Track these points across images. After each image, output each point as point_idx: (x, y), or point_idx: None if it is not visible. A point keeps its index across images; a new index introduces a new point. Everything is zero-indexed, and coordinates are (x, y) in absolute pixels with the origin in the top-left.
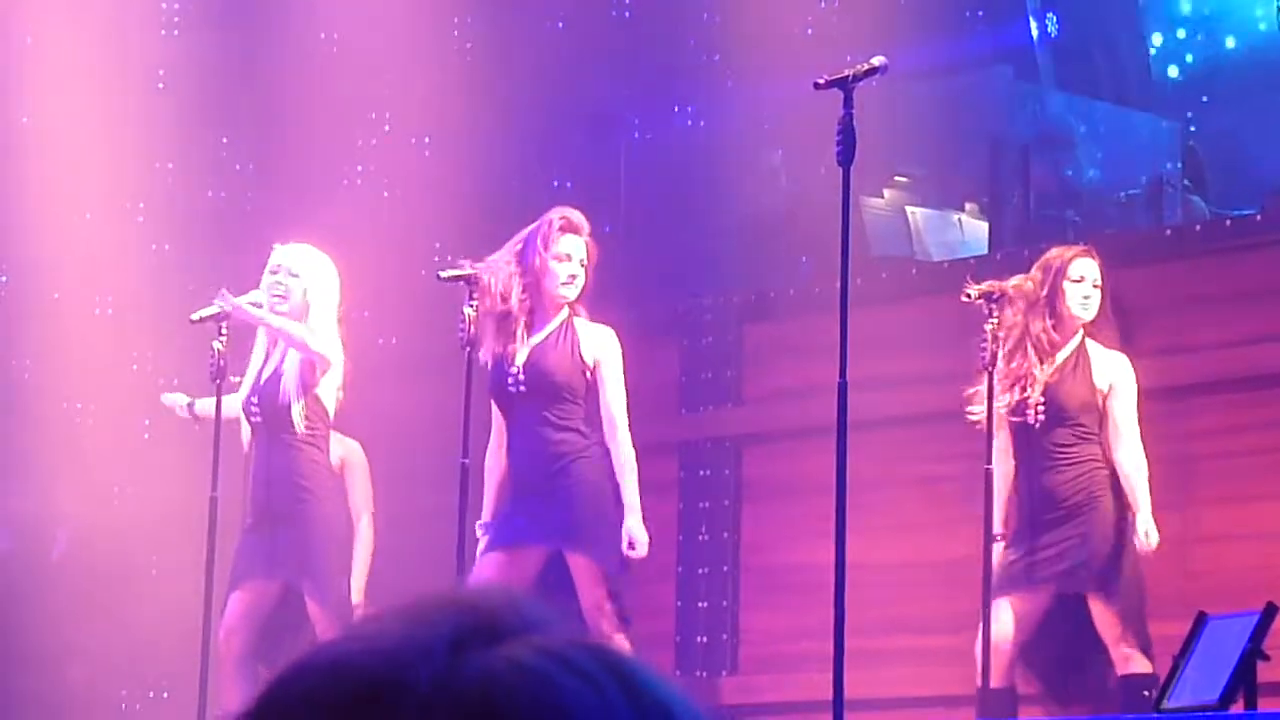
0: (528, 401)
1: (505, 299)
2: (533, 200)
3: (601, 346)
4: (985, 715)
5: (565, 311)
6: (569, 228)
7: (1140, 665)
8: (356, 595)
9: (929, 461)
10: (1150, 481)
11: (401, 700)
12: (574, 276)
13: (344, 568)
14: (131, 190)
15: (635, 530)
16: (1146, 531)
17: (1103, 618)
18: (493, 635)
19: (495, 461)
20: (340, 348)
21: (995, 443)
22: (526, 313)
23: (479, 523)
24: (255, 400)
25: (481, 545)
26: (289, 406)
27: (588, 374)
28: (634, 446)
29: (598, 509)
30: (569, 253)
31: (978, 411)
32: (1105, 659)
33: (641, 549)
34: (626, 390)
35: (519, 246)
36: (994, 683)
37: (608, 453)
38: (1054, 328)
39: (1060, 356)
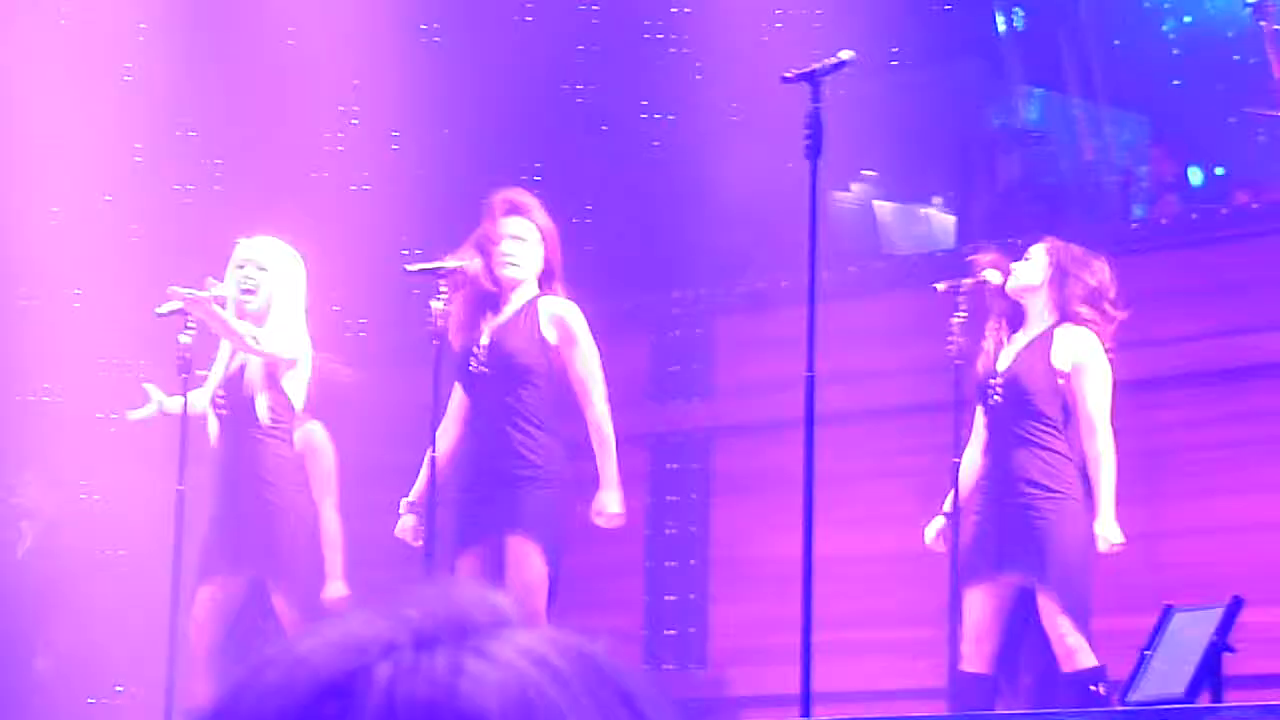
0: (490, 384)
1: (471, 284)
2: (504, 188)
3: (561, 322)
4: (963, 703)
5: (527, 293)
6: (512, 209)
7: (1086, 659)
8: (336, 583)
9: (897, 454)
10: (1118, 474)
11: (366, 695)
12: (517, 257)
13: (311, 562)
14: (99, 183)
15: (609, 503)
16: (1105, 538)
17: (1047, 611)
18: (459, 631)
19: (445, 442)
20: (308, 342)
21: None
22: (489, 297)
23: (406, 500)
24: (222, 394)
25: (408, 521)
26: (253, 400)
27: (550, 355)
28: None
29: (548, 501)
30: (513, 233)
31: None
32: (1050, 652)
33: (608, 521)
34: None
35: (478, 232)
36: (976, 669)
37: (565, 443)
38: (1007, 309)
39: (1023, 339)
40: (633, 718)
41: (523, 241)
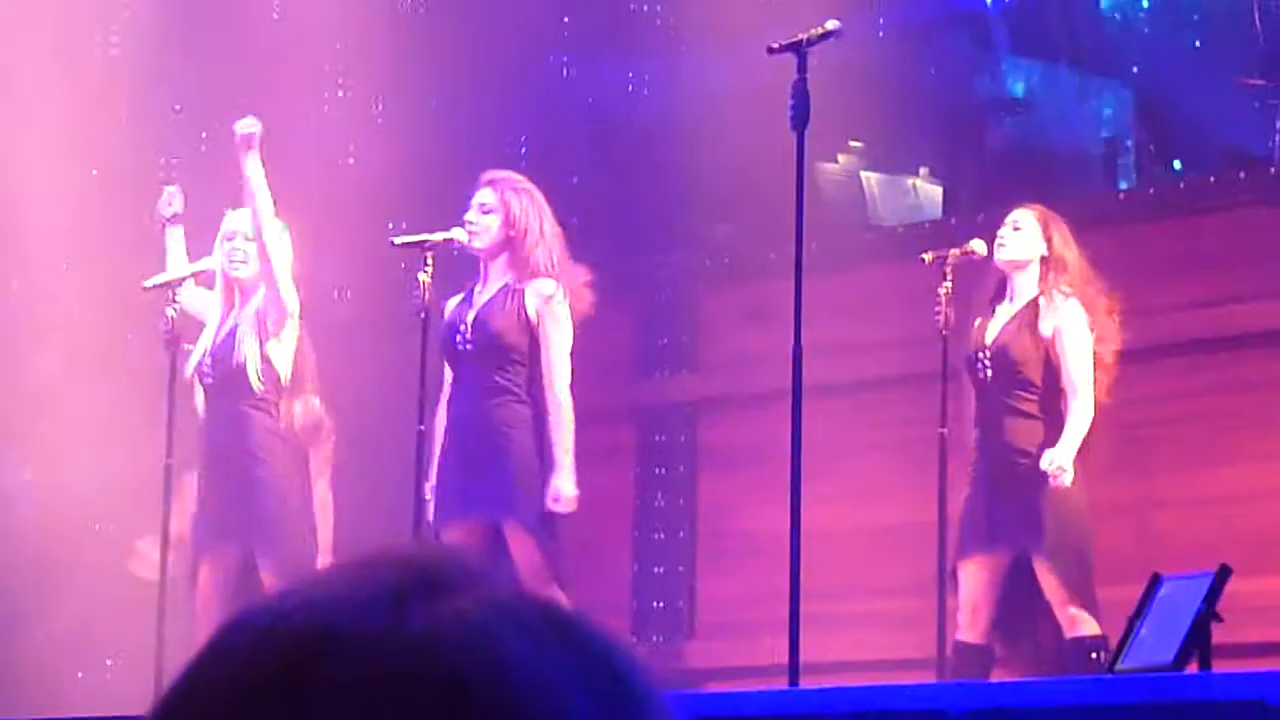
0: (474, 361)
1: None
2: (488, 164)
3: (543, 302)
4: (960, 673)
5: (508, 269)
6: (485, 183)
7: (1089, 627)
8: (327, 557)
9: (885, 426)
10: (1104, 445)
11: (340, 650)
12: (478, 225)
13: (298, 533)
14: (84, 154)
15: (563, 487)
16: (1054, 460)
17: (1048, 580)
18: (436, 589)
19: (442, 424)
20: (297, 309)
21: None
22: (475, 270)
23: (429, 484)
24: (208, 362)
25: (431, 509)
26: (243, 366)
27: (533, 333)
28: (590, 412)
29: (535, 481)
30: (479, 202)
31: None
32: (1054, 621)
33: (565, 505)
34: (582, 355)
35: None
36: (972, 640)
37: (544, 407)
38: (995, 281)
39: (1009, 312)
40: (609, 679)
41: (488, 212)
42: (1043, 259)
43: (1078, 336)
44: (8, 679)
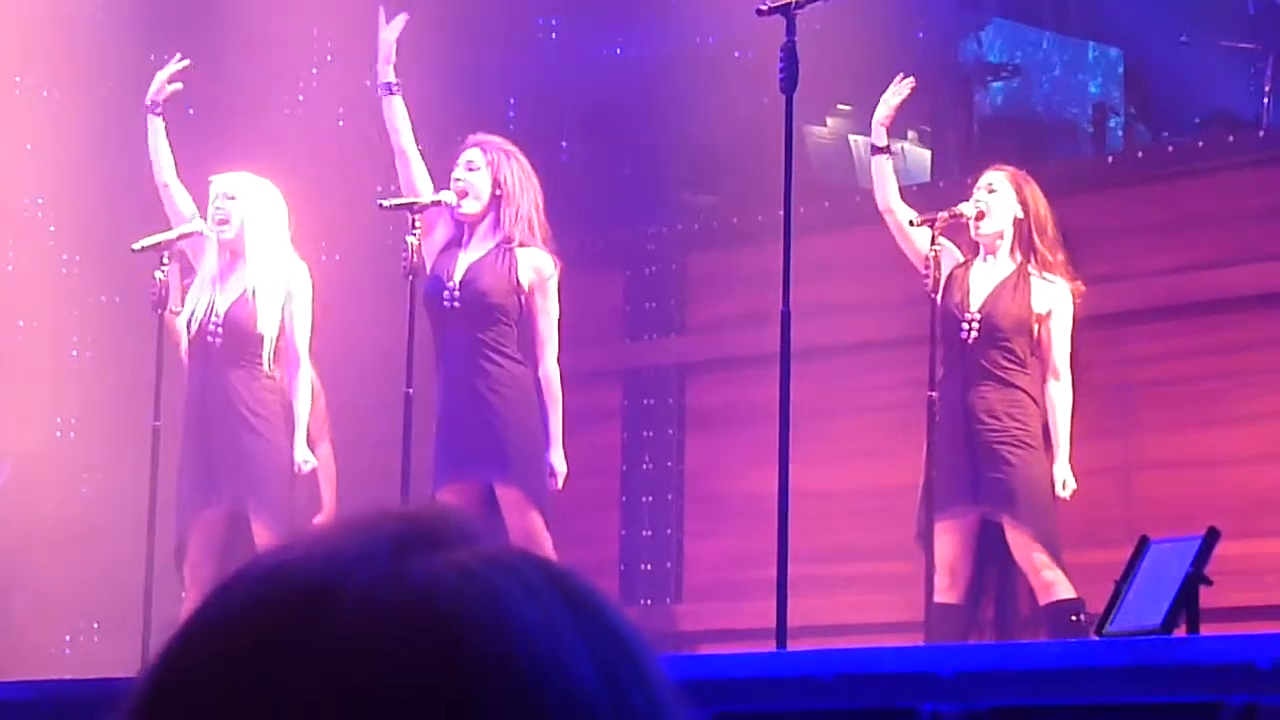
0: (461, 319)
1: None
2: (476, 129)
3: (537, 271)
4: (938, 634)
5: (498, 233)
6: (472, 143)
7: (1064, 590)
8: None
9: (873, 389)
10: (1091, 408)
11: (341, 601)
12: (464, 182)
13: (293, 494)
14: (70, 120)
15: (556, 462)
16: (1064, 482)
17: (1020, 545)
18: (434, 543)
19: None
20: (303, 278)
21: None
22: (459, 231)
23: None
24: (218, 322)
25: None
26: (258, 334)
27: (522, 298)
28: (578, 375)
29: (526, 440)
30: (465, 160)
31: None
32: (1027, 584)
33: (560, 480)
34: (570, 317)
35: None
36: (949, 600)
37: (537, 379)
38: (969, 243)
39: (992, 275)
40: (607, 634)
41: (474, 170)
42: (1018, 221)
43: (1066, 320)
44: (2, 643)
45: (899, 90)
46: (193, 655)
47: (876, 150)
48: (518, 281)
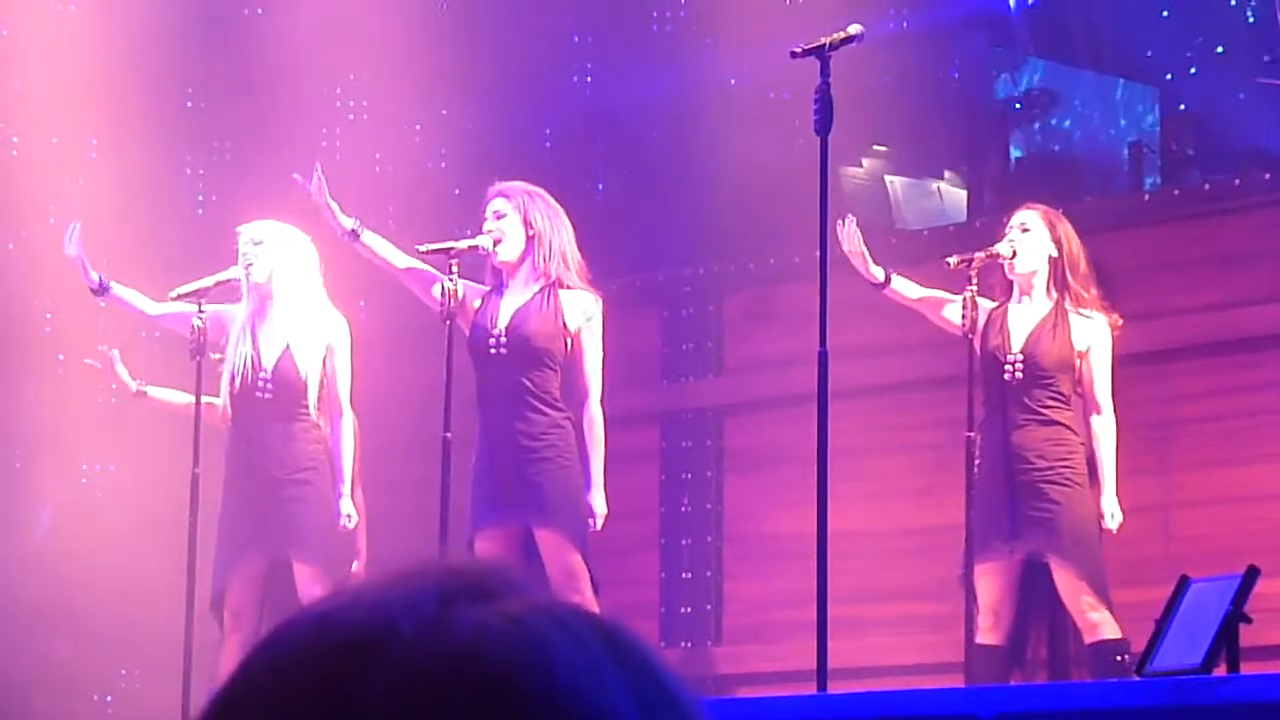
0: (506, 365)
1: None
2: (511, 173)
3: (584, 314)
4: (979, 676)
5: (539, 276)
6: (496, 192)
7: (1110, 630)
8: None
9: (910, 429)
10: (1129, 446)
11: (388, 648)
12: (497, 231)
13: (336, 541)
14: (112, 164)
15: (597, 504)
16: (1112, 513)
17: (1066, 584)
18: (480, 594)
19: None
20: (340, 328)
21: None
22: (498, 278)
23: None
24: (266, 377)
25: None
26: (304, 384)
27: (568, 340)
28: (616, 417)
29: (565, 482)
30: (494, 210)
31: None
32: (1073, 624)
33: (597, 521)
34: (608, 360)
35: None
36: (991, 642)
37: (577, 422)
38: (1002, 283)
39: (1031, 315)
40: (653, 684)
41: (502, 217)
42: (1052, 259)
43: (1106, 354)
44: (41, 685)
45: (848, 236)
46: (244, 703)
47: (879, 286)
48: (564, 324)
